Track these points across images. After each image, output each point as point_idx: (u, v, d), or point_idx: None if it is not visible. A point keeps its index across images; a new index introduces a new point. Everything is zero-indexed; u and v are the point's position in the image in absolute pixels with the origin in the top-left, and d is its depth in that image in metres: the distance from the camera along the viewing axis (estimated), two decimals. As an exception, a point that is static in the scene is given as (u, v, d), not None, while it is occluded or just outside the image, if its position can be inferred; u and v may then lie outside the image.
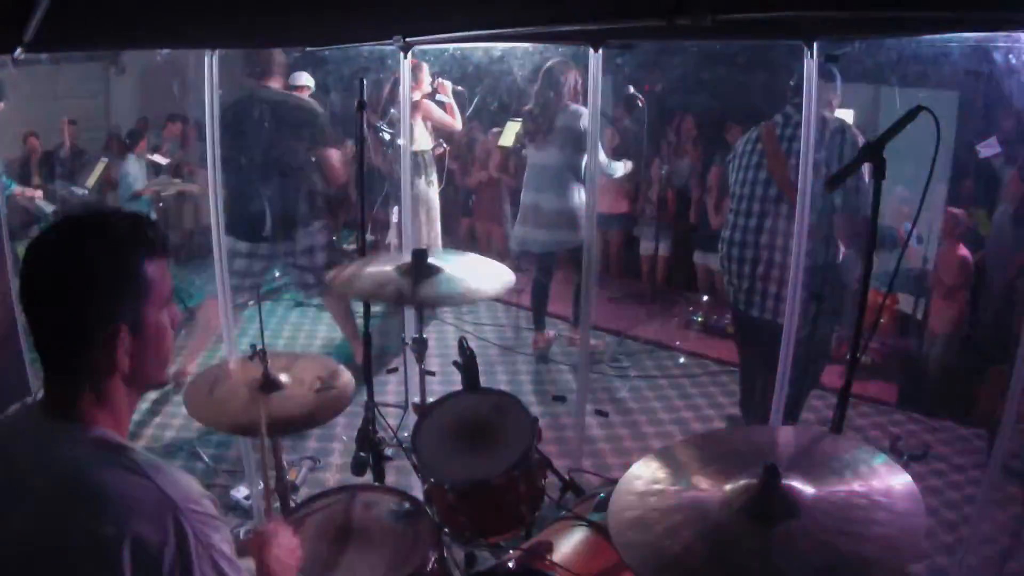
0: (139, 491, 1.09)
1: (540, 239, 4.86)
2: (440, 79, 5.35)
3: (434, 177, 5.36)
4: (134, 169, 6.46)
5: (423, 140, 5.22)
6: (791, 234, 2.94)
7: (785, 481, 1.36)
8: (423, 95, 5.14)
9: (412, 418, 2.44)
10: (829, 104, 4.80)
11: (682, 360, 5.26)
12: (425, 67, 5.17)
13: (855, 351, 1.93)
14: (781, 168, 3.13)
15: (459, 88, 5.50)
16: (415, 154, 5.01)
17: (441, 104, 5.29)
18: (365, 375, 2.74)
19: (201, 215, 6.55)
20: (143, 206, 6.41)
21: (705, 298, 6.14)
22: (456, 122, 5.39)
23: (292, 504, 2.20)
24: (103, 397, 1.19)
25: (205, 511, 1.13)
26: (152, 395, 4.31)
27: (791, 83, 3.32)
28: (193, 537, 1.09)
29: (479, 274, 2.32)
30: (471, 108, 5.77)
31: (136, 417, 2.19)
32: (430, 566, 1.84)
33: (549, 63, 4.70)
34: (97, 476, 1.10)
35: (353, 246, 6.88)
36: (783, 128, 3.26)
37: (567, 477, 2.23)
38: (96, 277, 1.15)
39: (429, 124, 5.26)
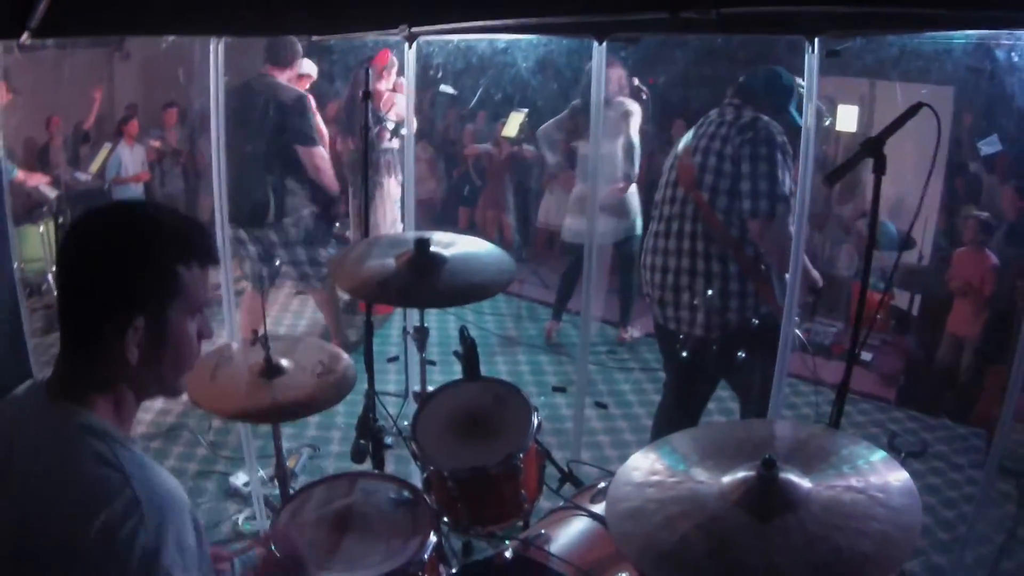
0: (108, 487, 1.06)
1: (597, 229, 4.87)
2: (400, 78, 5.29)
3: (400, 173, 5.28)
4: (126, 156, 6.44)
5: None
6: (697, 236, 2.96)
7: (783, 475, 1.37)
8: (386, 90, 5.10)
9: (412, 407, 2.45)
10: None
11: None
12: (396, 64, 5.13)
13: (853, 347, 1.94)
14: (689, 178, 2.97)
15: (451, 90, 5.47)
16: (386, 150, 5.01)
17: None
18: (366, 363, 2.74)
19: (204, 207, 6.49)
20: (129, 193, 6.38)
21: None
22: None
23: (291, 491, 2.21)
24: (107, 386, 1.17)
25: (174, 522, 1.09)
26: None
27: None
28: (144, 548, 1.04)
29: (483, 264, 2.31)
30: (475, 99, 5.74)
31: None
32: (427, 554, 1.85)
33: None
34: (71, 465, 1.08)
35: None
36: (698, 140, 3.04)
37: (566, 468, 2.23)
38: (126, 258, 1.15)
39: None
